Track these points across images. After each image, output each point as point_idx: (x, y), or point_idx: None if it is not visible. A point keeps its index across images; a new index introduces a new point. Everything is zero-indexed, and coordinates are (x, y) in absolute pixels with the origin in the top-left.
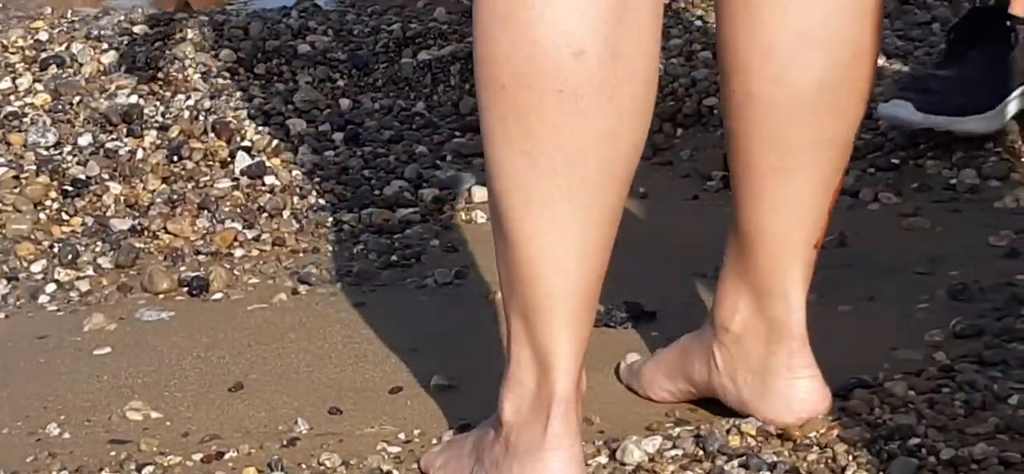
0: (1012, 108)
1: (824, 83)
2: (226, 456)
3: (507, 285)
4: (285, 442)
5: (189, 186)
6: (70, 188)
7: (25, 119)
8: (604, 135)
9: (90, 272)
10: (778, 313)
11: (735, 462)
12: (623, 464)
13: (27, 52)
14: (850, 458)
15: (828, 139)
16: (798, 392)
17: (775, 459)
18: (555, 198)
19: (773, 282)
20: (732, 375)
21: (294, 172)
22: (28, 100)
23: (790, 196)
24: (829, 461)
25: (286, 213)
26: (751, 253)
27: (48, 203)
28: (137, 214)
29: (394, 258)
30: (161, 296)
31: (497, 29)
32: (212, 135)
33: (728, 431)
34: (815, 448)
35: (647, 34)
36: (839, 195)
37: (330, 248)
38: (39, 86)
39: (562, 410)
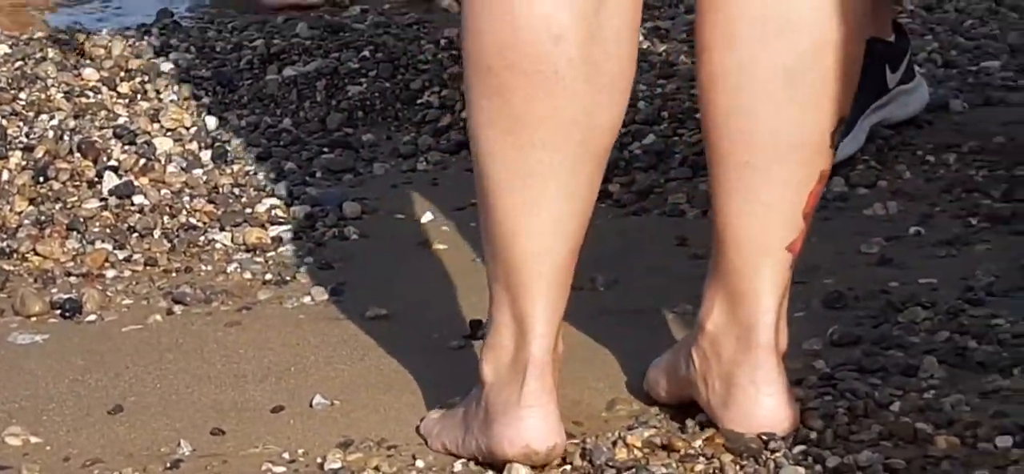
0: (868, 124)
1: (789, 73)
2: None
3: (490, 255)
4: (168, 465)
5: (57, 207)
6: None
7: None
8: (582, 114)
9: None
10: (747, 318)
11: None
12: None
13: None
14: (737, 468)
15: (796, 135)
16: (760, 407)
17: (663, 470)
18: (535, 173)
19: (742, 284)
20: (704, 377)
21: (163, 191)
22: None
23: (760, 194)
24: (716, 471)
25: (157, 232)
26: (723, 252)
27: None
28: (5, 236)
29: (269, 276)
30: (33, 319)
31: (482, 12)
32: (78, 155)
33: (614, 443)
34: (701, 459)
35: (626, 18)
36: (818, 199)
37: (204, 267)
38: None
39: (537, 371)
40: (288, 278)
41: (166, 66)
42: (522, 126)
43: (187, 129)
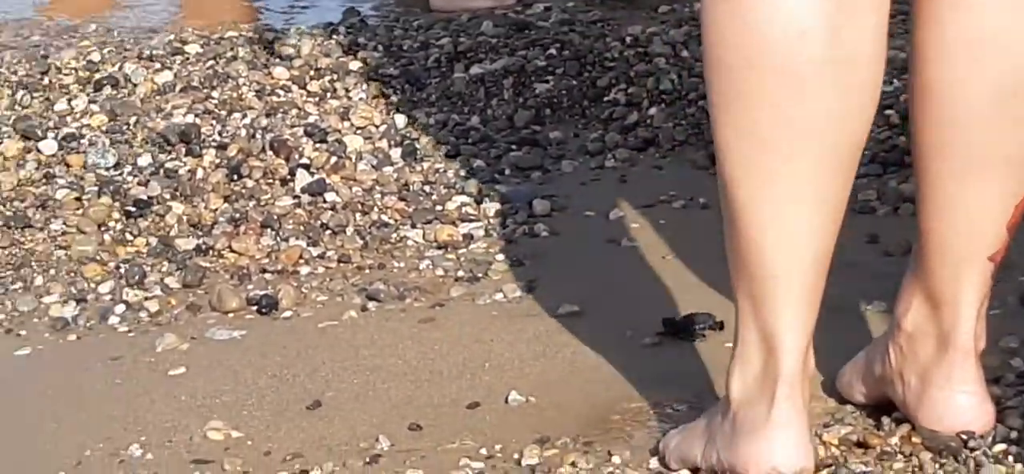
0: None
1: (1002, 91)
2: None
3: (734, 265)
4: (368, 459)
5: (251, 204)
6: (132, 209)
7: (83, 140)
8: (828, 117)
9: (158, 292)
10: (946, 321)
11: (824, 472)
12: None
13: (80, 73)
14: (936, 466)
15: (1006, 151)
16: (954, 406)
17: (861, 468)
18: (780, 179)
19: (943, 289)
20: (900, 373)
21: (355, 188)
22: (85, 121)
23: (964, 205)
24: (916, 470)
25: (350, 230)
26: (925, 256)
27: (111, 224)
28: (201, 233)
29: (461, 273)
30: (231, 315)
31: (721, 10)
32: (271, 153)
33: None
34: (900, 456)
35: (872, 16)
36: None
37: (396, 264)
38: (94, 107)
39: (787, 391)
40: (480, 275)
41: (355, 64)
42: (766, 130)
43: (377, 127)
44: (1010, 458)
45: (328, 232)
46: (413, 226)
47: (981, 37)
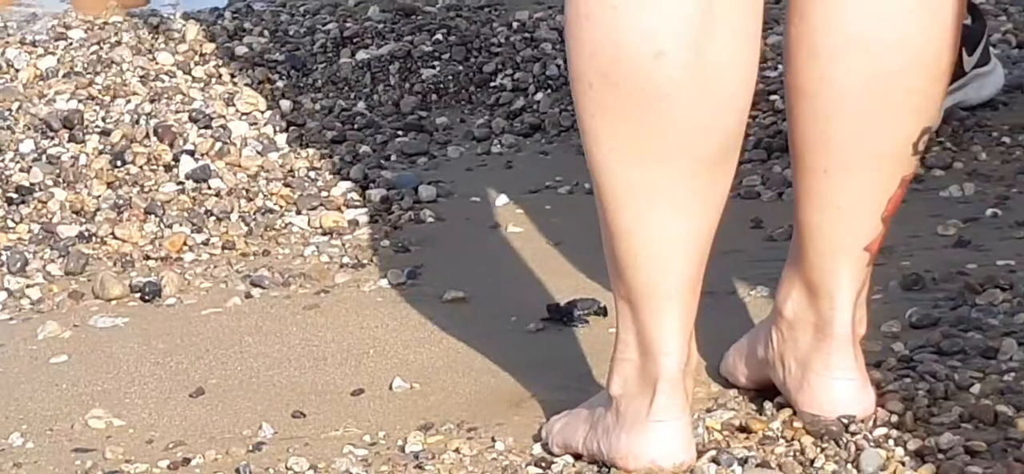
0: (944, 107)
1: (869, 91)
2: (193, 462)
3: (611, 270)
4: (251, 447)
5: (134, 191)
6: (14, 195)
7: None
8: (692, 132)
9: (40, 279)
10: (824, 310)
11: (705, 457)
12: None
13: None
14: (818, 450)
15: (875, 147)
16: (833, 392)
17: (744, 452)
18: (647, 191)
19: (821, 279)
20: (781, 358)
21: (239, 175)
22: None
23: (837, 199)
24: (797, 454)
25: (234, 216)
26: (802, 246)
27: None
28: (84, 220)
29: (346, 260)
30: (114, 302)
31: (582, 28)
32: (155, 139)
33: (694, 426)
34: (782, 441)
35: (739, 30)
36: (900, 202)
37: (281, 251)
38: None
39: (668, 387)
40: (365, 261)
41: (240, 50)
42: (629, 144)
43: (262, 113)
44: (891, 442)
45: (212, 218)
46: (298, 212)
47: (846, 38)
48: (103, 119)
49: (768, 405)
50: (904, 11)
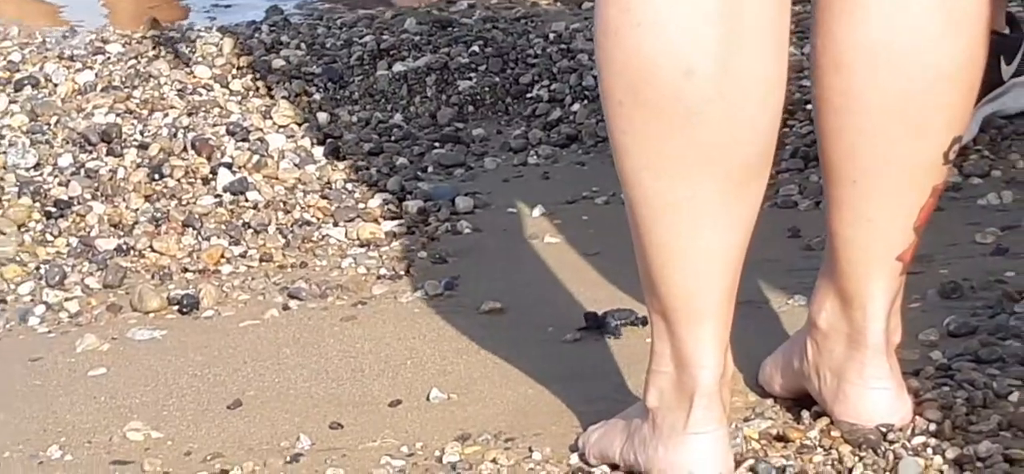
0: (982, 115)
1: (895, 103)
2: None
3: (644, 284)
4: (288, 459)
5: (172, 204)
6: (53, 209)
7: (3, 141)
8: (721, 149)
9: (78, 292)
10: (857, 320)
11: (743, 466)
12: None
13: (0, 73)
14: (856, 459)
15: (904, 158)
16: (869, 402)
17: (782, 461)
18: (679, 208)
19: (854, 289)
20: (817, 368)
21: (277, 187)
22: (5, 121)
23: (867, 210)
24: (835, 463)
25: (272, 228)
26: (835, 256)
27: (31, 224)
28: (122, 233)
29: (383, 271)
30: (152, 315)
31: (610, 46)
32: (192, 152)
33: (731, 435)
34: (820, 450)
35: (766, 48)
36: (932, 211)
37: (318, 263)
38: (15, 107)
39: (705, 402)
40: (402, 273)
41: (277, 63)
42: (660, 161)
43: (299, 125)
44: (929, 450)
45: (250, 231)
46: (335, 224)
47: (870, 53)
48: (141, 133)
49: (806, 414)
50: (930, 25)
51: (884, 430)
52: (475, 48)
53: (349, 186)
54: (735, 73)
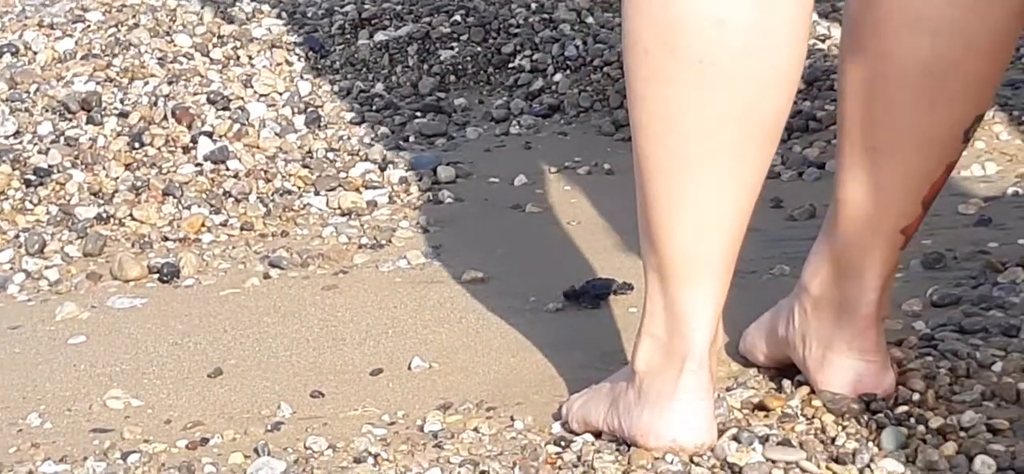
0: None
1: (929, 71)
2: (211, 442)
3: (644, 240)
4: (269, 427)
5: (152, 172)
6: (32, 177)
7: None
8: (744, 105)
9: (58, 261)
10: (851, 290)
11: (726, 435)
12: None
13: None
14: (839, 428)
15: (927, 130)
16: (853, 373)
17: (766, 431)
18: (692, 163)
19: (852, 257)
20: (803, 336)
21: (257, 156)
22: None
23: (882, 178)
24: (817, 432)
25: (252, 197)
26: (839, 224)
27: (11, 192)
28: (102, 201)
29: (364, 240)
30: (132, 283)
31: None
32: (173, 121)
33: (716, 406)
34: (802, 420)
35: (794, 4)
36: (941, 188)
37: (299, 231)
38: None
39: (693, 366)
40: (384, 242)
41: (258, 32)
42: (679, 114)
43: (280, 94)
44: (912, 419)
45: (230, 200)
46: (316, 193)
47: (911, 19)
48: (121, 101)
49: (787, 383)
50: None
51: (867, 400)
52: (457, 17)
53: (330, 155)
54: (765, 28)
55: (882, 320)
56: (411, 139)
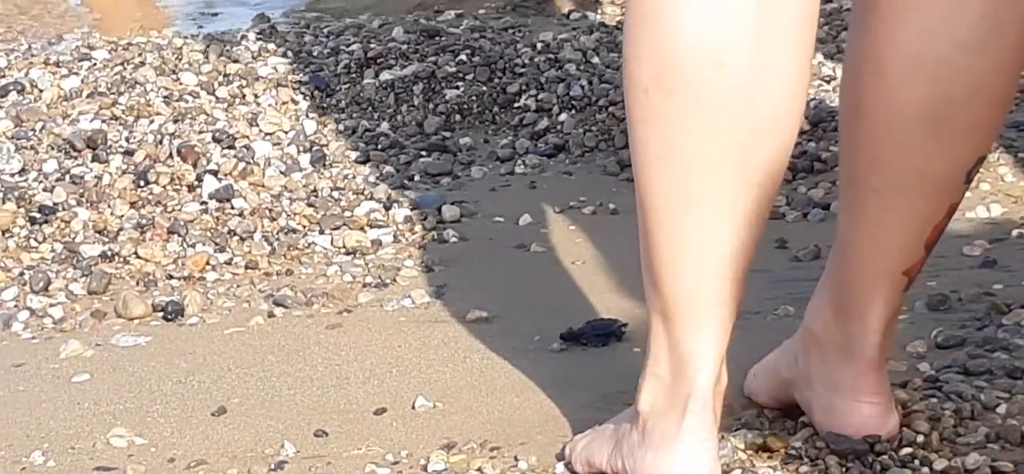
0: None
1: (931, 115)
2: None
3: (647, 280)
4: (272, 466)
5: (157, 210)
6: (37, 214)
7: None
8: (743, 145)
9: (63, 298)
10: (854, 332)
11: None
12: None
13: None
14: (843, 470)
15: (932, 171)
16: (857, 415)
17: (770, 472)
18: (696, 203)
19: (855, 300)
20: (806, 377)
21: (263, 194)
22: None
23: (884, 220)
24: (821, 473)
25: (257, 236)
26: (841, 264)
27: (15, 230)
28: (107, 239)
29: (369, 279)
30: (136, 321)
31: (641, 33)
32: (178, 159)
33: (719, 447)
34: (806, 461)
35: (796, 41)
36: (943, 231)
37: (304, 270)
38: (0, 113)
39: (698, 407)
40: (388, 281)
41: (264, 71)
42: (680, 153)
43: (285, 133)
44: (916, 461)
45: (235, 238)
46: (321, 232)
47: (914, 61)
48: (126, 139)
49: (791, 424)
50: (975, 36)
51: (871, 441)
52: (463, 57)
53: (335, 194)
54: (765, 68)
55: (886, 361)
56: (416, 178)
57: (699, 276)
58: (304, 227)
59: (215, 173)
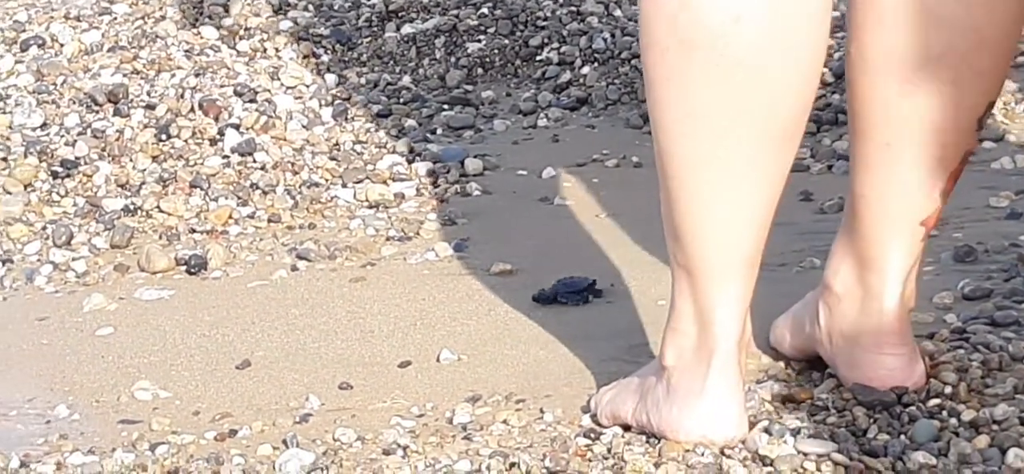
0: None
1: (936, 66)
2: (239, 434)
3: (670, 238)
4: (298, 418)
5: (179, 164)
6: (59, 168)
7: (9, 100)
8: (762, 101)
9: (86, 252)
10: (874, 284)
11: (757, 428)
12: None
13: (7, 33)
14: (870, 421)
15: (941, 121)
16: (881, 367)
17: (797, 424)
18: (716, 160)
19: (873, 252)
20: (829, 332)
21: (285, 148)
22: (11, 81)
23: (897, 172)
24: (849, 424)
25: (280, 189)
26: (857, 219)
27: (38, 184)
28: (129, 193)
29: (392, 232)
30: (159, 275)
31: None
32: (199, 113)
33: (746, 399)
34: (834, 412)
35: (814, 2)
36: (959, 177)
37: (327, 224)
38: (21, 67)
39: (721, 362)
40: (411, 234)
41: (285, 24)
42: (700, 112)
43: (307, 86)
44: (944, 412)
45: (258, 192)
46: (344, 186)
47: (917, 13)
48: (148, 93)
49: (817, 376)
50: None
51: (899, 392)
52: (484, 10)
53: (357, 148)
54: (782, 24)
55: (908, 313)
56: (438, 132)
57: (723, 233)
58: (326, 181)
59: (237, 127)
